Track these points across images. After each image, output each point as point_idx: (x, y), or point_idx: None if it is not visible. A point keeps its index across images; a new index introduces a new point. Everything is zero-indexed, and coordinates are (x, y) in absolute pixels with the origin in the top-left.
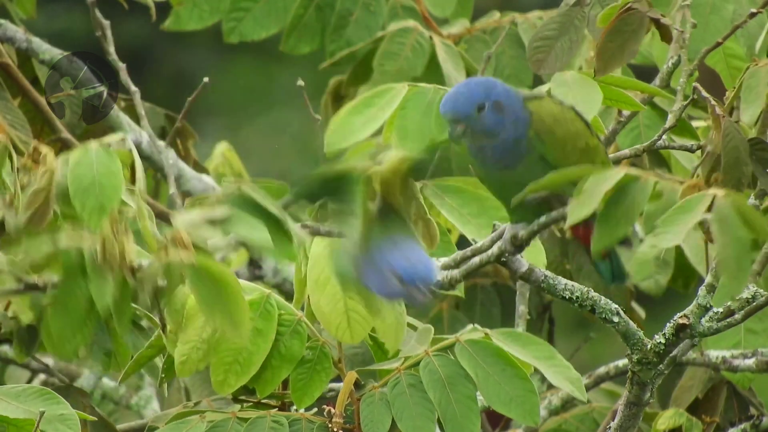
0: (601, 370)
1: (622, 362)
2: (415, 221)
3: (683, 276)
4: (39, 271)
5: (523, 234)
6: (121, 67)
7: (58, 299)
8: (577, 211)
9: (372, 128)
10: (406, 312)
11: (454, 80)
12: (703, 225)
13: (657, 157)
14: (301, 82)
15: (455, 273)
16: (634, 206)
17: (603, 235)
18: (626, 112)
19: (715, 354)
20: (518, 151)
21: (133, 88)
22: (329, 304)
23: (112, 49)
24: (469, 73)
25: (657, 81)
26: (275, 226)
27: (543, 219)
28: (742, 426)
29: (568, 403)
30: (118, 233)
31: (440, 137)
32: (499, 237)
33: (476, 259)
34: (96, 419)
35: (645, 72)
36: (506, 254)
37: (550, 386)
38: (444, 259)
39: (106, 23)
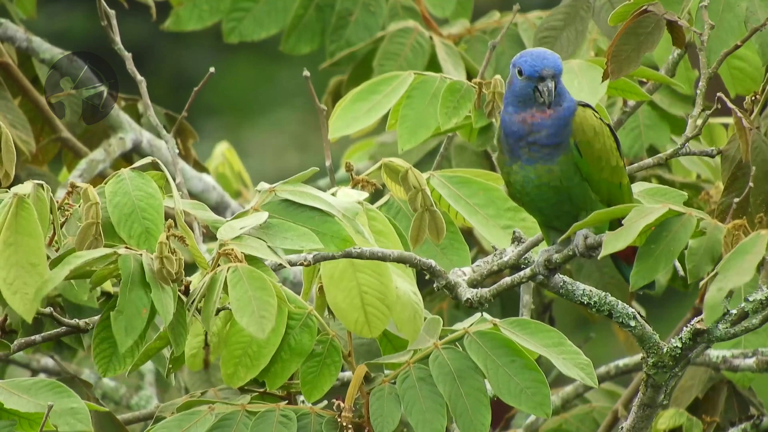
0: (602, 369)
1: (623, 362)
2: (421, 213)
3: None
4: (98, 282)
5: (558, 258)
6: (127, 56)
7: (118, 309)
8: (612, 243)
9: (376, 115)
10: None
11: None
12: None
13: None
14: (306, 73)
15: (485, 292)
16: (675, 242)
17: (643, 270)
18: (631, 103)
19: (715, 353)
20: (562, 139)
21: (139, 77)
22: (346, 299)
23: (118, 38)
24: (470, 73)
25: (662, 71)
26: (320, 217)
27: (579, 247)
28: (742, 426)
29: (568, 402)
30: (173, 251)
31: (446, 126)
32: (526, 251)
33: (507, 279)
34: (105, 410)
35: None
36: (539, 276)
37: (551, 386)
38: (467, 270)
39: (112, 12)
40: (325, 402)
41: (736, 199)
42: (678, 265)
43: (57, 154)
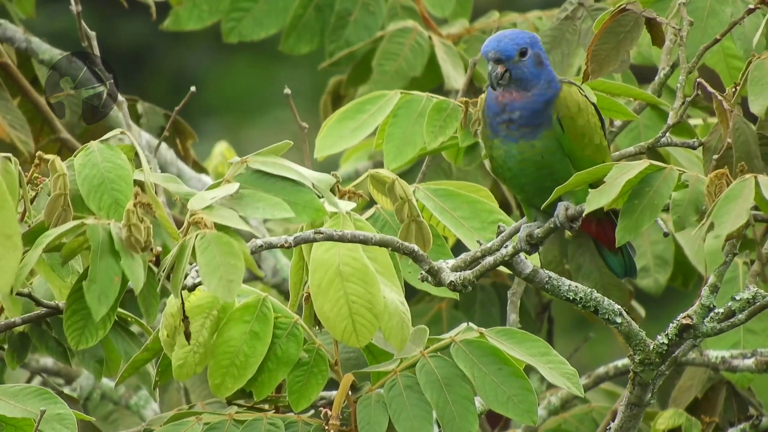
0: (601, 370)
1: (622, 362)
2: (408, 223)
3: (682, 274)
4: (69, 256)
5: (539, 233)
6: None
7: (90, 278)
8: (596, 199)
9: (362, 134)
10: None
11: (453, 80)
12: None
13: (656, 156)
14: (287, 90)
15: (468, 274)
16: (658, 197)
17: (628, 226)
18: (617, 122)
19: (714, 354)
20: (543, 120)
21: (120, 98)
22: (333, 308)
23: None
24: None
25: (649, 90)
26: (292, 187)
27: (560, 217)
28: (741, 426)
29: (568, 403)
30: (141, 220)
31: (432, 145)
32: (509, 236)
33: (490, 259)
34: (91, 421)
35: (645, 73)
36: (521, 252)
37: (550, 386)
38: (451, 261)
39: (93, 34)
40: (312, 411)
41: (716, 156)
42: (661, 222)
43: (56, 155)
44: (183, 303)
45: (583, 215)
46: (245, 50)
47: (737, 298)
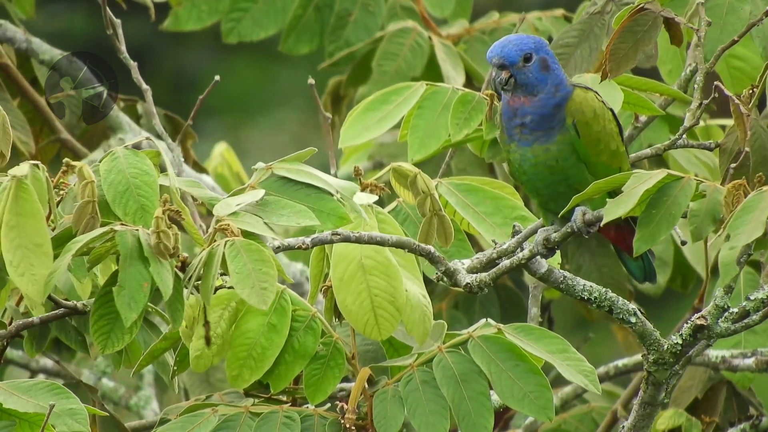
0: (601, 370)
1: (622, 362)
2: (430, 217)
3: (681, 275)
4: (96, 261)
5: (556, 237)
6: (133, 65)
7: (119, 284)
8: (613, 209)
9: (387, 125)
10: None
11: (453, 81)
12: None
13: (657, 158)
14: (311, 81)
15: (484, 276)
16: (675, 207)
17: (645, 235)
18: (642, 117)
19: (714, 354)
20: (555, 124)
21: (145, 86)
22: (355, 302)
23: (123, 47)
24: (468, 73)
25: (674, 86)
26: (317, 195)
27: (577, 222)
28: (741, 426)
29: (567, 403)
30: (169, 226)
31: (456, 137)
32: (525, 238)
33: (506, 262)
34: (107, 414)
35: (643, 72)
36: (538, 256)
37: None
38: (467, 261)
39: (118, 21)
40: (329, 404)
41: (734, 165)
42: (678, 231)
43: (56, 155)
44: (205, 309)
45: (602, 224)
46: (245, 50)
47: (751, 297)
